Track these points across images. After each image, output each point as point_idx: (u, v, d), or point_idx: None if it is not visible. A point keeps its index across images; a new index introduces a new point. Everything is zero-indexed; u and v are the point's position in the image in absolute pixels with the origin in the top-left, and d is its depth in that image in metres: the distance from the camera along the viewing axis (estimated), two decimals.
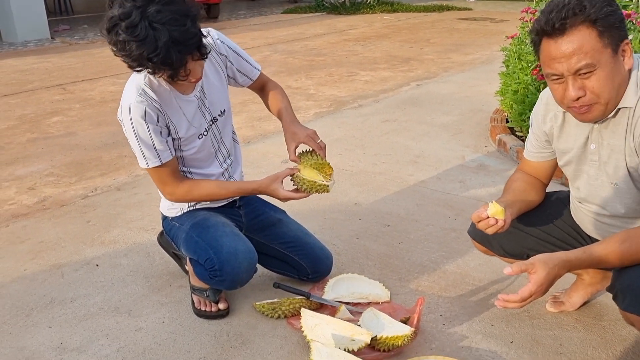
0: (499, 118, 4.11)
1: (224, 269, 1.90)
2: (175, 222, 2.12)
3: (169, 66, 1.67)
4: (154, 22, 1.60)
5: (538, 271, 1.48)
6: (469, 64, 6.81)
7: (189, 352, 1.92)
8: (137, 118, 1.83)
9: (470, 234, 2.02)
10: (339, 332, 1.83)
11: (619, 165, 1.59)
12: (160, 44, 1.61)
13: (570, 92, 1.48)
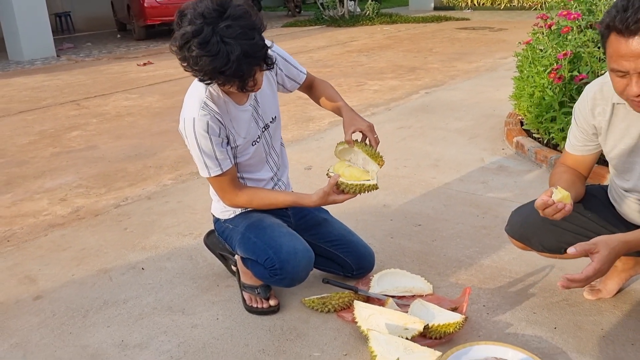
0: (513, 122, 4.23)
1: (284, 267, 1.99)
2: (228, 224, 2.21)
3: (239, 78, 1.77)
4: (225, 37, 1.70)
5: (601, 251, 1.58)
6: (474, 71, 6.95)
7: (247, 346, 2.00)
8: (200, 131, 1.92)
9: (509, 232, 2.11)
10: (392, 321, 1.92)
11: None
12: (232, 58, 1.70)
13: (633, 88, 1.56)
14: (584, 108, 1.88)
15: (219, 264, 2.53)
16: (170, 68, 8.46)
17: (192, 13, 1.74)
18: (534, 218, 2.00)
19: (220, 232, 2.27)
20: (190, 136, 1.94)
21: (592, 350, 1.89)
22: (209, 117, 1.93)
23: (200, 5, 1.74)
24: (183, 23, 1.75)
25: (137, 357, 1.97)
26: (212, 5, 1.73)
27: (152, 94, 6.79)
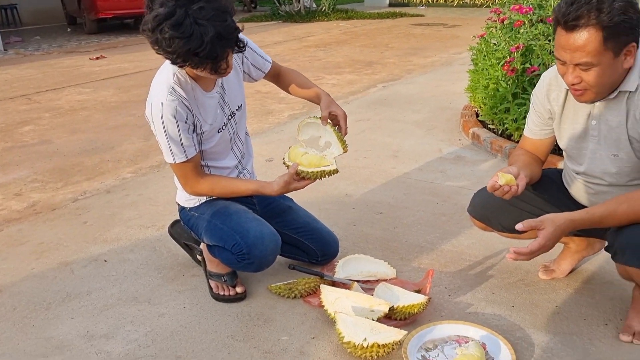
0: (469, 113, 4.35)
1: (252, 252, 2.01)
2: (194, 212, 2.21)
3: (213, 60, 1.77)
4: (198, 19, 1.71)
5: (546, 227, 1.67)
6: (430, 66, 7.09)
7: (216, 332, 2.01)
8: (168, 116, 1.92)
9: (471, 212, 2.18)
10: (359, 304, 1.97)
11: (620, 138, 1.78)
12: (206, 39, 1.71)
13: (568, 77, 1.68)
14: (541, 93, 1.96)
15: (184, 254, 2.53)
16: (124, 62, 8.31)
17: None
18: (494, 200, 2.07)
19: (186, 221, 2.27)
20: (157, 121, 1.94)
21: (547, 325, 1.99)
22: (176, 102, 1.93)
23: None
24: (154, 5, 1.74)
25: (104, 347, 1.95)
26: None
27: (106, 88, 6.66)
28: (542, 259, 2.38)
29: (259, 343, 1.95)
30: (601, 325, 1.98)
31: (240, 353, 1.90)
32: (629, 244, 1.71)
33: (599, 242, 2.19)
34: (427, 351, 1.86)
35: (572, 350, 1.86)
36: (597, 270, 2.32)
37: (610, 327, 1.97)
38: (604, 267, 2.32)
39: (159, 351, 1.92)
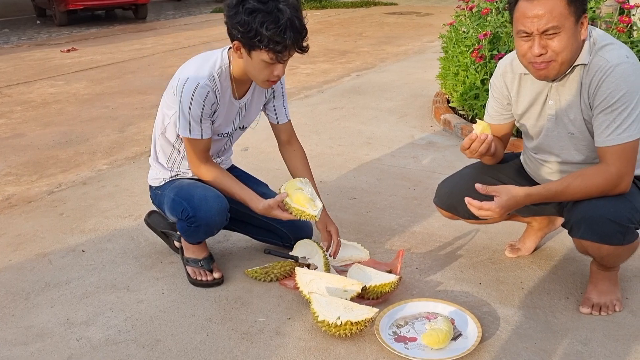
0: (440, 100, 4.44)
1: (197, 214, 2.09)
2: (158, 190, 2.31)
3: (282, 44, 1.87)
4: (281, 3, 1.86)
5: (501, 196, 1.81)
6: (403, 54, 7.17)
7: (194, 316, 2.07)
8: (197, 98, 2.02)
9: (437, 203, 2.26)
10: (332, 284, 2.04)
11: (576, 117, 1.87)
12: (282, 20, 1.85)
13: (534, 48, 1.75)
14: (498, 80, 2.05)
15: (161, 242, 2.57)
16: (96, 54, 8.23)
17: None
18: (459, 188, 2.16)
19: (154, 200, 2.37)
20: (186, 97, 2.03)
21: (512, 300, 2.08)
22: (210, 89, 2.03)
23: None
24: None
25: (84, 333, 1.99)
26: None
27: (78, 80, 6.60)
28: (509, 238, 2.49)
29: (236, 325, 2.01)
30: (562, 299, 2.08)
31: (218, 335, 1.96)
32: (583, 219, 1.81)
33: (559, 219, 2.28)
34: (399, 327, 1.94)
35: (535, 323, 1.96)
36: (560, 247, 2.42)
37: (571, 301, 2.07)
38: (566, 244, 2.42)
39: (138, 335, 1.97)
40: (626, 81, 1.75)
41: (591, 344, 1.86)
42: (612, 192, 1.81)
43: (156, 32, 10.26)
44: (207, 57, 2.11)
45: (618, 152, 1.78)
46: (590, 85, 1.81)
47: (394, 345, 1.85)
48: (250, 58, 1.97)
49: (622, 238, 1.84)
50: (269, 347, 1.89)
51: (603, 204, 1.81)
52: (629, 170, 1.79)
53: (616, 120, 1.77)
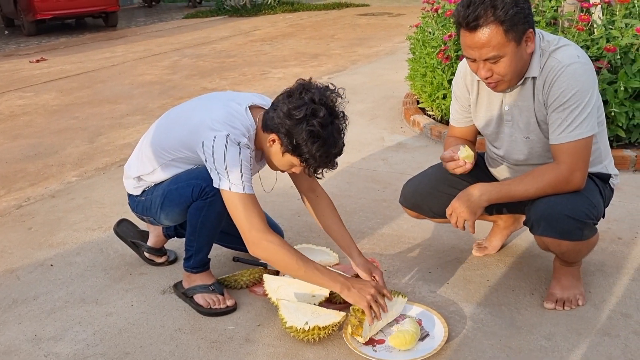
0: (410, 101, 4.48)
1: (210, 182, 1.95)
2: (142, 197, 2.20)
3: (321, 167, 1.92)
4: (338, 133, 1.90)
5: (459, 195, 1.93)
6: (374, 55, 7.22)
7: (164, 327, 2.06)
8: (244, 157, 1.93)
9: (402, 203, 2.29)
10: (300, 290, 2.05)
11: (529, 121, 1.93)
12: (334, 152, 1.88)
13: (481, 72, 1.82)
14: (459, 83, 2.09)
15: (131, 253, 2.56)
16: (66, 64, 8.14)
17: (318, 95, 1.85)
18: (422, 187, 2.20)
19: (135, 208, 2.26)
20: (232, 156, 1.90)
21: (478, 298, 2.12)
22: (250, 150, 1.97)
23: (324, 93, 1.88)
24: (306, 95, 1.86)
25: (53, 349, 1.98)
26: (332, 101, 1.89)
27: (48, 91, 6.52)
28: (476, 237, 2.53)
29: (205, 334, 2.01)
30: (527, 295, 2.13)
31: (187, 345, 1.96)
32: (542, 217, 1.85)
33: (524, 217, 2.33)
34: None
35: (500, 320, 1.99)
36: (526, 244, 2.47)
37: (535, 297, 2.12)
38: (532, 241, 2.47)
39: (107, 349, 1.96)
40: (577, 80, 1.80)
41: (555, 338, 1.90)
42: (564, 189, 1.86)
43: (127, 40, 10.18)
44: (233, 111, 1.98)
45: (569, 149, 1.83)
46: (544, 85, 1.86)
47: (362, 348, 1.87)
48: (282, 155, 1.93)
49: (580, 234, 1.89)
50: (238, 354, 1.90)
51: (561, 201, 1.86)
52: (580, 167, 1.84)
53: (568, 119, 1.82)
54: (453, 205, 1.93)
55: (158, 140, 2.13)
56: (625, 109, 3.21)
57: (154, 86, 6.32)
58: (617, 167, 2.84)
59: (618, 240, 2.49)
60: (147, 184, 2.21)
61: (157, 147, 2.12)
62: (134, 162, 2.23)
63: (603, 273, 2.25)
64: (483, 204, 1.90)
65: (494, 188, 1.91)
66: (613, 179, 2.09)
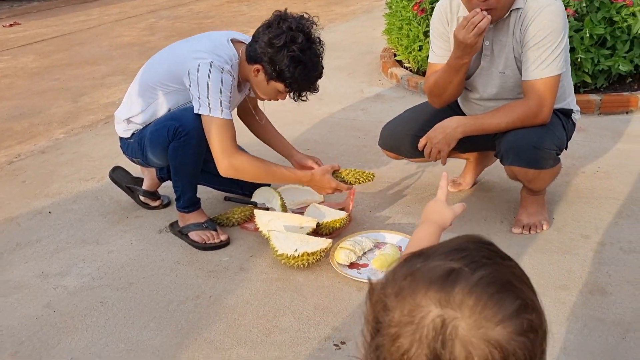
0: (387, 55, 4.61)
1: (183, 123, 2.12)
2: (131, 139, 2.34)
3: (305, 89, 2.13)
4: (317, 57, 2.11)
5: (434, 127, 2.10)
6: (351, 14, 7.28)
7: (163, 260, 2.22)
8: (225, 83, 2.10)
9: (381, 145, 2.45)
10: (289, 222, 2.22)
11: (508, 57, 2.08)
12: (314, 74, 2.12)
13: (476, 1, 1.93)
14: (438, 21, 2.21)
15: (127, 199, 2.69)
16: (41, 27, 8.05)
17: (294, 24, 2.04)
18: (399, 130, 2.36)
19: (127, 149, 2.39)
20: (214, 80, 2.06)
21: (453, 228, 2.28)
22: (232, 76, 2.14)
23: (300, 22, 2.07)
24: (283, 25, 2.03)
25: (60, 282, 2.12)
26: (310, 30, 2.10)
27: (25, 54, 6.49)
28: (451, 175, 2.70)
29: (203, 265, 2.17)
30: (498, 223, 2.32)
31: (186, 274, 2.12)
32: (511, 148, 2.03)
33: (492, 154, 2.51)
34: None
35: None
36: (496, 180, 2.66)
37: (505, 224, 2.31)
38: (501, 177, 2.65)
39: (112, 281, 2.12)
40: (553, 21, 1.96)
41: (521, 257, 2.10)
42: (532, 122, 2.03)
43: (101, 3, 10.04)
44: (216, 42, 2.15)
45: (540, 86, 1.99)
46: (522, 24, 2.01)
47: (347, 271, 2.04)
48: (267, 84, 2.12)
49: (545, 163, 2.07)
50: (234, 281, 2.07)
51: (528, 134, 2.03)
52: (547, 102, 2.01)
53: (542, 56, 1.98)
54: (429, 135, 2.08)
55: (146, 78, 2.28)
56: (591, 55, 3.38)
57: (132, 47, 6.33)
58: (583, 111, 3.06)
59: (581, 174, 2.69)
60: (136, 126, 2.34)
61: (145, 85, 2.27)
62: (124, 105, 2.37)
63: (566, 202, 2.45)
64: (458, 135, 2.06)
65: (469, 121, 2.07)
66: (575, 114, 2.27)
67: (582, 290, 1.93)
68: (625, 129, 3.20)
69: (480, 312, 0.55)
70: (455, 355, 0.55)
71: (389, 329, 0.58)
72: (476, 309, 0.56)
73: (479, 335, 0.55)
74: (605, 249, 2.13)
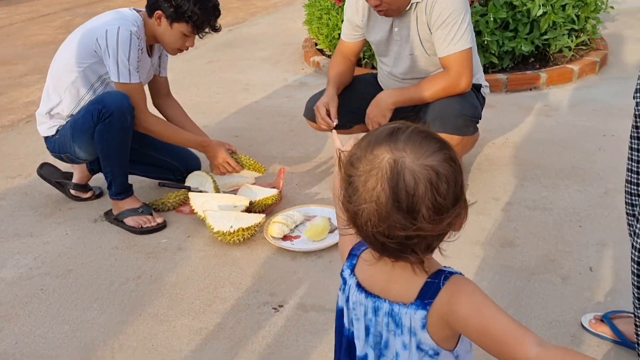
0: (309, 45, 4.75)
1: (106, 104, 2.20)
2: (56, 135, 2.38)
3: (206, 21, 2.26)
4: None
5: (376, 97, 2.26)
6: (273, 7, 7.38)
7: (101, 247, 2.26)
8: (134, 45, 2.22)
9: (305, 115, 2.61)
10: (223, 202, 2.31)
11: (414, 40, 2.28)
12: (210, 4, 2.28)
13: (371, 1, 2.14)
14: (351, 7, 2.40)
15: (57, 193, 2.69)
16: None
17: None
18: None
19: (53, 147, 2.41)
20: (123, 44, 2.20)
21: None
22: (139, 37, 2.26)
23: None
24: None
25: None
26: None
27: None
28: None
29: (141, 248, 2.24)
30: None
31: (125, 258, 2.18)
32: (437, 116, 2.22)
33: None
34: None
35: None
36: None
37: None
38: None
39: (50, 269, 2.14)
40: (453, 2, 2.17)
41: None
42: (454, 91, 2.23)
43: (9, 2, 9.63)
44: (121, 13, 2.29)
45: (455, 58, 2.20)
46: (426, 11, 2.20)
47: (281, 243, 2.17)
48: (171, 28, 2.26)
49: (467, 130, 2.28)
50: (174, 260, 2.15)
51: (451, 104, 2.24)
52: (465, 71, 2.22)
53: (450, 34, 2.18)
54: (368, 112, 2.27)
55: (58, 65, 2.35)
56: (496, 38, 3.66)
57: (49, 46, 6.16)
58: (492, 90, 3.33)
59: (492, 145, 2.94)
60: (59, 121, 2.39)
61: (58, 73, 2.34)
62: (43, 101, 2.42)
63: (479, 170, 2.68)
64: (390, 106, 2.25)
65: (398, 92, 2.27)
66: (484, 88, 2.50)
67: (493, 244, 2.14)
68: (530, 104, 3.49)
69: (417, 150, 0.80)
70: (406, 180, 0.78)
71: (359, 178, 0.80)
72: (414, 149, 0.80)
73: (419, 164, 0.79)
74: (513, 208, 2.37)
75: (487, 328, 0.83)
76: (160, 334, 1.78)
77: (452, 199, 0.81)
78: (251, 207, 2.35)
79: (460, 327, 0.86)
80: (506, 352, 0.82)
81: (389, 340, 0.92)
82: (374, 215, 0.80)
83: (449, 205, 0.80)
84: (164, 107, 2.68)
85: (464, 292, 0.86)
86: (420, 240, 0.82)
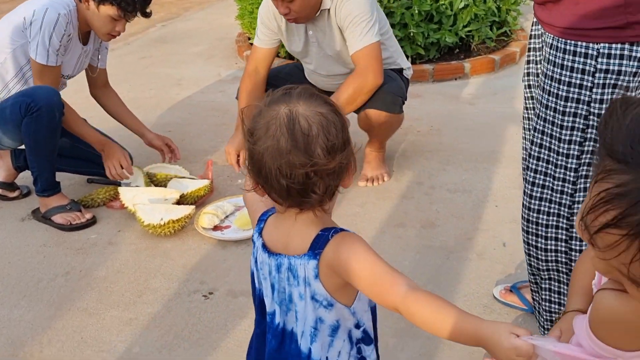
0: (242, 39, 4.78)
1: (35, 98, 2.19)
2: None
3: (131, 4, 2.20)
4: None
5: None
6: (207, 2, 7.32)
7: (29, 245, 2.24)
8: (59, 27, 2.21)
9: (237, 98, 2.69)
10: (154, 196, 2.33)
11: (329, 42, 2.37)
12: None
13: (280, 9, 2.22)
14: (267, 12, 2.46)
15: None
16: None
17: None
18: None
19: None
20: (47, 24, 2.18)
21: None
22: (69, 21, 2.24)
23: None
24: None
25: None
26: None
27: None
28: None
29: (70, 244, 2.23)
30: None
31: (54, 255, 2.17)
32: None
33: None
34: None
35: None
36: None
37: None
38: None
39: None
40: (359, 3, 2.26)
41: (367, 205, 2.39)
42: (366, 86, 2.32)
43: None
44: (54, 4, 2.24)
45: (362, 54, 2.30)
46: (336, 12, 2.30)
47: (211, 233, 2.21)
48: (98, 11, 2.23)
49: (394, 107, 2.39)
50: (104, 254, 2.16)
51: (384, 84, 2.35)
52: (371, 64, 2.31)
53: (357, 32, 2.29)
54: None
55: None
56: (422, 30, 3.79)
57: None
58: (419, 80, 3.47)
59: (417, 132, 3.06)
60: None
61: None
62: None
63: (404, 156, 2.80)
64: None
65: None
66: (406, 71, 2.61)
67: (415, 225, 2.26)
68: (454, 92, 3.65)
69: (308, 102, 0.93)
70: (301, 123, 0.90)
71: (261, 129, 0.92)
72: (306, 101, 0.93)
73: (311, 110, 0.92)
74: (435, 191, 2.49)
75: (364, 270, 0.92)
76: (90, 327, 1.80)
77: (341, 142, 0.92)
78: (183, 199, 2.37)
79: (343, 272, 0.94)
80: (379, 293, 0.93)
81: (292, 294, 1.00)
82: (275, 152, 0.89)
83: (339, 146, 0.91)
84: (102, 98, 2.69)
85: (348, 241, 0.95)
86: (318, 179, 0.90)
